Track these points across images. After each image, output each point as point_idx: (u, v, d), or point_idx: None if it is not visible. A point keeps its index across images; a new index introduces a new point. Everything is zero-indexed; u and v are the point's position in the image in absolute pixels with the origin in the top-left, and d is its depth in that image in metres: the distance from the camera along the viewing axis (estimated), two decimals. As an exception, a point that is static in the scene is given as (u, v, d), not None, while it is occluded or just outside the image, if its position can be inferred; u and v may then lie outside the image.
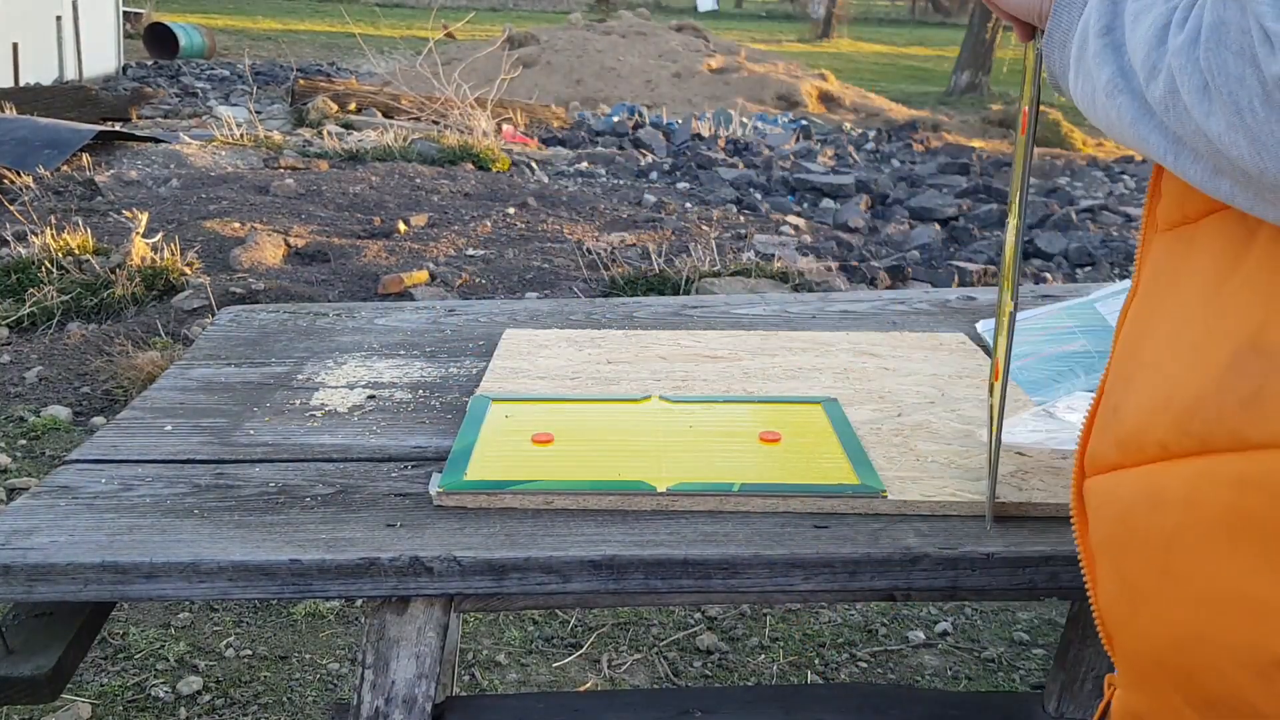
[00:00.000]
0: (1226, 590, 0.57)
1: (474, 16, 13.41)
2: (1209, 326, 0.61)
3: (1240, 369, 0.58)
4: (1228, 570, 0.57)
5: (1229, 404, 0.58)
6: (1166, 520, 0.60)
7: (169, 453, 1.12)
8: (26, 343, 3.66)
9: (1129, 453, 0.64)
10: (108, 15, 14.84)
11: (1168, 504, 0.61)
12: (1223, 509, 0.57)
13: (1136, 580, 0.63)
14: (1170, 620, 0.61)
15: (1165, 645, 0.61)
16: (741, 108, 11.26)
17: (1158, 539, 0.61)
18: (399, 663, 0.97)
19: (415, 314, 1.62)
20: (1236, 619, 0.57)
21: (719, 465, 1.07)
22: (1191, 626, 0.59)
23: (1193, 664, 0.60)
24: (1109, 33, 0.63)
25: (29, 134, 6.02)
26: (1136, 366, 0.67)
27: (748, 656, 2.14)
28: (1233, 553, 0.57)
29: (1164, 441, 0.61)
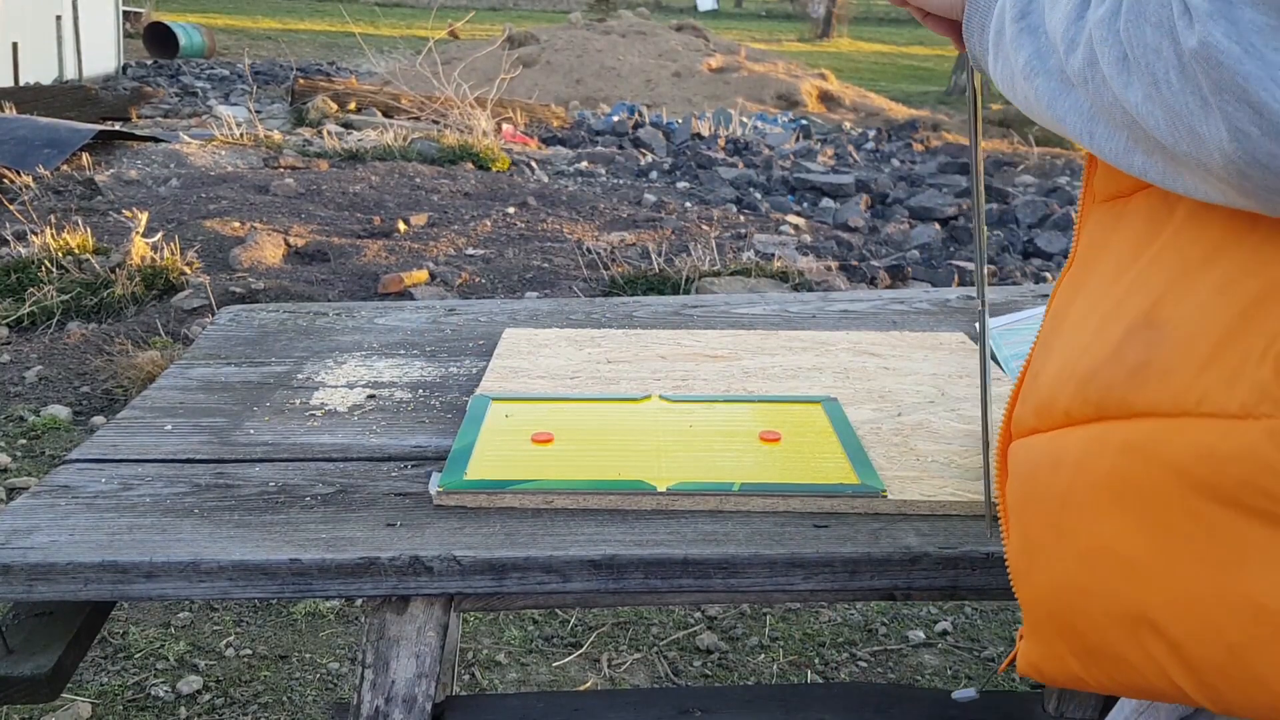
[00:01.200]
0: (1104, 548, 0.61)
1: (474, 16, 13.41)
2: (1117, 300, 0.64)
3: (1133, 340, 0.61)
4: (1107, 529, 0.60)
5: (1119, 373, 0.61)
6: (1061, 480, 0.64)
7: (169, 452, 1.12)
8: (26, 342, 3.66)
9: (1042, 418, 0.67)
10: (108, 15, 14.84)
11: (1064, 465, 0.64)
12: (1107, 472, 0.60)
13: (1034, 536, 0.66)
14: (1057, 574, 0.64)
15: (1052, 597, 0.65)
16: (741, 107, 11.26)
17: (1054, 498, 0.64)
18: (399, 662, 0.97)
19: (415, 314, 1.62)
20: (1110, 575, 0.60)
21: (719, 465, 1.07)
22: (1074, 580, 0.63)
23: (1074, 615, 0.63)
24: (1025, 16, 0.65)
25: (29, 133, 6.02)
26: (1056, 336, 0.69)
27: (748, 656, 2.14)
28: (1112, 513, 0.60)
29: (1068, 408, 0.64)
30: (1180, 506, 0.57)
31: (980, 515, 1.01)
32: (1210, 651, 0.57)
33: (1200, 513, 0.56)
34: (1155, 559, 0.58)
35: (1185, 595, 0.57)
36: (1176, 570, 0.58)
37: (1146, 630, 0.59)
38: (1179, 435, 0.57)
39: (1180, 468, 0.57)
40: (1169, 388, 0.58)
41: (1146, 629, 0.59)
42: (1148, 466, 0.58)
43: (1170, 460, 0.57)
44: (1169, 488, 0.58)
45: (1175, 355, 0.59)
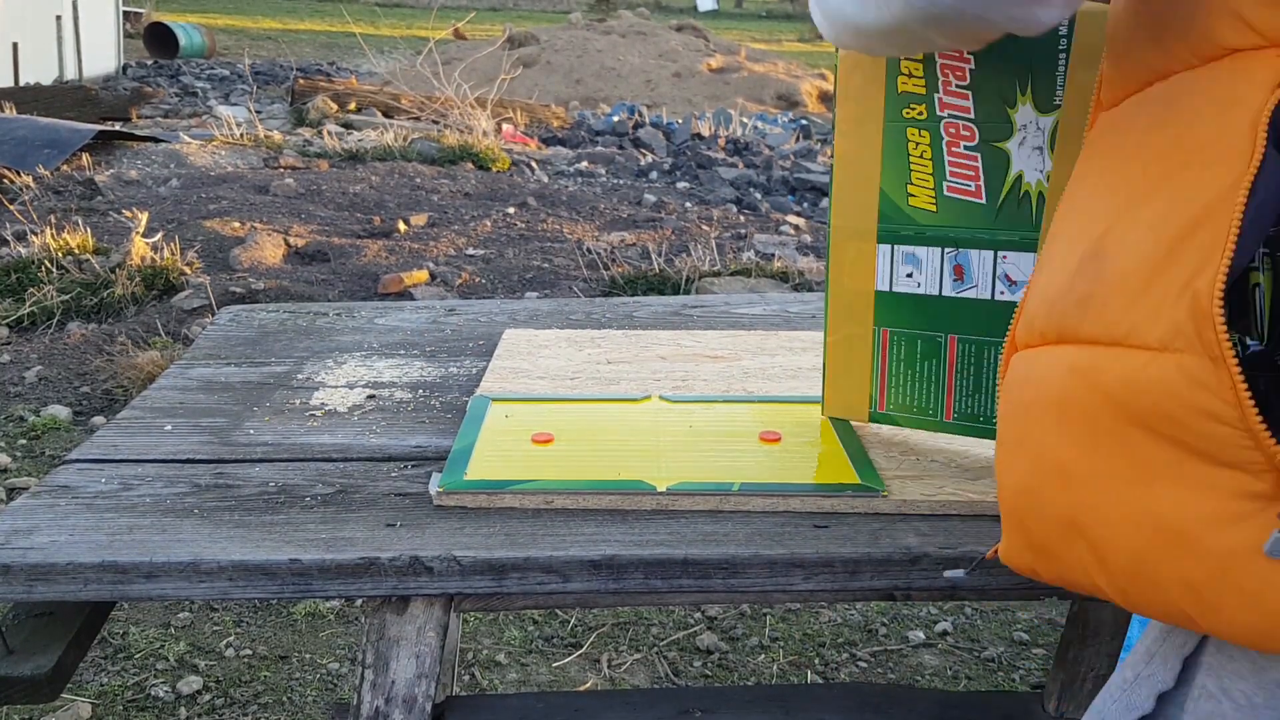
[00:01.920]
0: (1048, 457, 0.67)
1: (474, 16, 13.42)
2: (1081, 224, 0.69)
3: (1083, 269, 0.66)
4: (1053, 442, 0.66)
5: (1072, 301, 0.66)
6: (1027, 394, 0.70)
7: (169, 452, 1.12)
8: (26, 342, 3.66)
9: (1029, 335, 0.72)
10: (108, 15, 14.84)
11: (1030, 382, 0.70)
12: (1057, 390, 0.66)
13: (1007, 441, 0.72)
14: (1018, 476, 0.70)
15: (1014, 496, 0.71)
16: (741, 107, 11.26)
17: (1021, 408, 0.70)
18: (399, 662, 0.97)
19: (415, 314, 1.62)
20: (1051, 482, 0.67)
21: (719, 465, 1.07)
22: (1027, 483, 0.69)
23: (1027, 514, 0.70)
24: None
25: (29, 134, 6.02)
26: (1048, 253, 0.73)
27: (748, 656, 2.14)
28: (1057, 427, 0.66)
29: (1043, 329, 0.69)
30: (1107, 427, 0.63)
31: (981, 515, 1.01)
32: (1120, 556, 0.63)
33: (1122, 434, 0.62)
34: (1085, 471, 0.64)
35: (1105, 505, 0.64)
36: (1100, 483, 0.64)
37: (1075, 533, 0.66)
38: (1112, 363, 0.62)
39: (1109, 392, 0.62)
40: (1105, 319, 0.63)
41: (1075, 532, 0.66)
42: (1086, 389, 0.64)
43: (1103, 385, 0.63)
44: (1100, 409, 0.63)
45: (1112, 288, 0.63)
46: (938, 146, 1.03)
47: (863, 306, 1.11)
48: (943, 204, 1.04)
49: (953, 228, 1.04)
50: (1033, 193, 1.00)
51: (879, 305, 1.10)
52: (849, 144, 1.08)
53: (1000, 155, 1.00)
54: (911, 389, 1.12)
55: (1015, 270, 1.03)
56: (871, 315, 1.11)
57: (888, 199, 1.07)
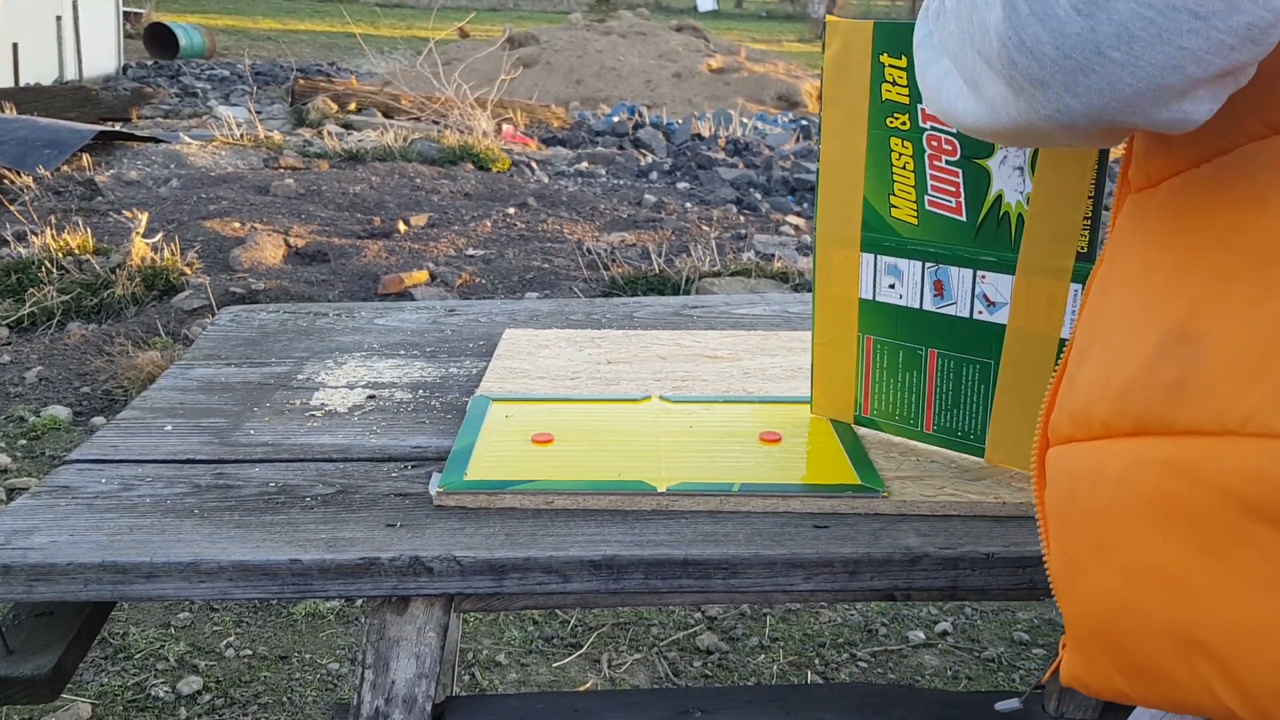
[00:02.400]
0: (1150, 566, 0.59)
1: (474, 16, 13.42)
2: (1146, 305, 0.63)
3: (1168, 354, 0.60)
4: (1152, 548, 0.59)
5: (1156, 389, 0.60)
6: (1103, 495, 0.62)
7: (169, 453, 1.12)
8: (26, 343, 3.66)
9: (1079, 427, 0.66)
10: (108, 15, 14.84)
11: (1105, 481, 0.62)
12: (1150, 490, 0.59)
13: (1076, 550, 0.65)
14: (1101, 590, 0.63)
15: (1097, 613, 0.64)
16: (741, 108, 11.26)
17: (1095, 513, 0.63)
18: (399, 663, 0.97)
19: (415, 314, 1.62)
20: (1158, 595, 0.59)
21: (719, 465, 1.07)
22: (1119, 597, 0.62)
23: (1120, 633, 0.62)
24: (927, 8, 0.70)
25: (29, 134, 6.02)
26: (1090, 339, 0.68)
27: (748, 656, 2.14)
28: (1157, 532, 0.59)
29: (1106, 420, 0.63)
30: (1228, 527, 0.56)
31: (981, 515, 1.01)
32: (1260, 673, 0.56)
33: (1250, 534, 0.55)
34: (1203, 579, 0.57)
35: (1235, 616, 0.56)
36: (1225, 591, 0.57)
37: (1195, 651, 0.58)
38: (1226, 456, 0.56)
39: (1227, 488, 0.56)
40: (1211, 406, 0.57)
41: (1195, 649, 0.58)
42: (1193, 486, 0.57)
43: (1217, 481, 0.56)
44: (1216, 508, 0.56)
45: (1216, 373, 0.57)
46: (920, 159, 1.02)
47: (847, 312, 1.12)
48: (924, 218, 1.04)
49: (933, 243, 1.04)
50: (1012, 214, 0.99)
51: (863, 312, 1.11)
52: (834, 148, 1.08)
53: (981, 172, 0.99)
54: (894, 397, 1.13)
55: (994, 291, 1.02)
56: (856, 321, 1.12)
57: (871, 208, 1.07)
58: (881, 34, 1.02)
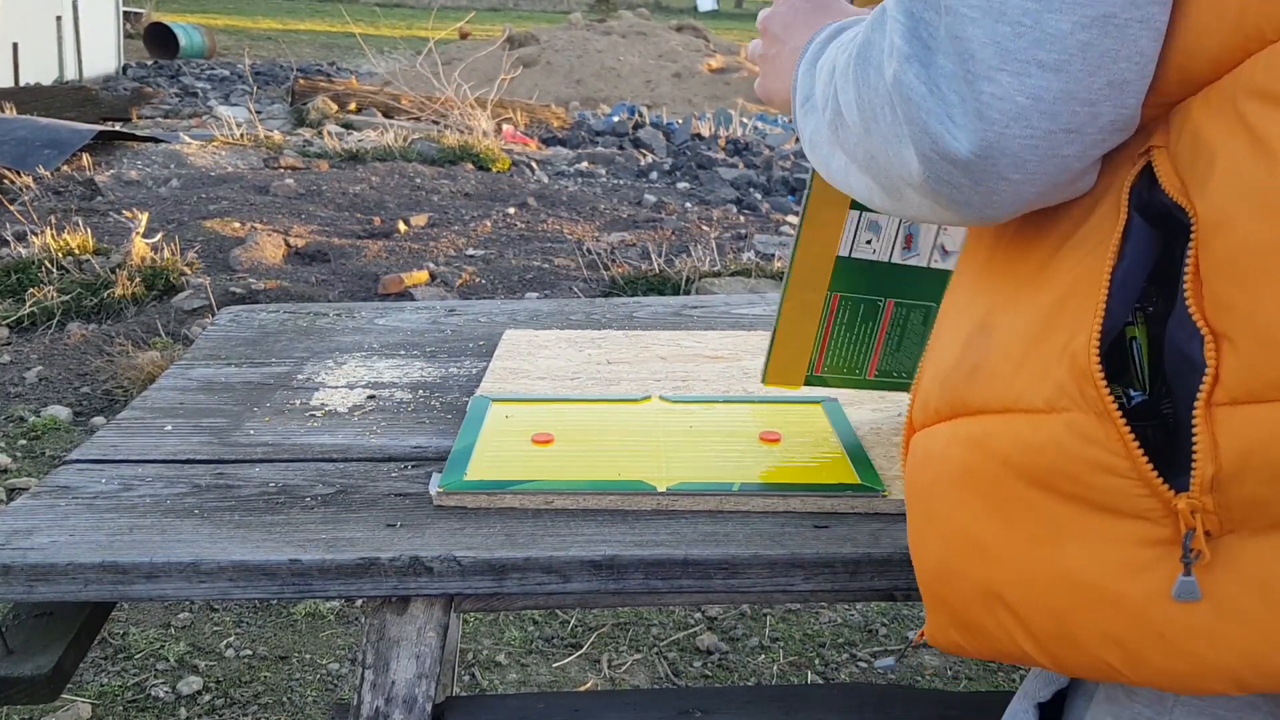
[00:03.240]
0: (961, 532, 0.68)
1: (474, 16, 13.42)
2: (968, 303, 0.72)
3: (970, 344, 0.69)
4: (961, 515, 0.68)
5: (962, 374, 0.69)
6: (929, 472, 0.71)
7: (169, 453, 1.12)
8: (26, 343, 3.66)
9: (924, 414, 0.74)
10: (108, 15, 14.84)
11: (931, 459, 0.71)
12: (958, 464, 0.68)
13: (916, 521, 0.73)
14: (932, 555, 0.71)
15: (931, 576, 0.72)
16: (742, 108, 11.26)
17: (924, 487, 0.72)
18: (399, 663, 0.97)
19: (415, 314, 1.62)
20: (967, 556, 0.68)
21: (719, 465, 1.07)
22: (943, 560, 0.70)
23: (946, 591, 0.70)
24: (807, 100, 0.77)
25: (29, 134, 6.02)
26: (937, 335, 0.76)
27: (748, 656, 2.14)
28: (963, 501, 0.67)
29: (937, 406, 0.71)
30: (1010, 493, 0.64)
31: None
32: (1042, 618, 0.64)
33: (1025, 497, 0.64)
34: (996, 540, 0.66)
35: (1021, 571, 0.65)
36: (1012, 549, 0.65)
37: (997, 603, 0.66)
38: (1005, 429, 0.64)
39: (1006, 458, 0.64)
40: (994, 387, 0.66)
41: (997, 602, 0.66)
42: (984, 458, 0.66)
43: (999, 451, 0.65)
44: (1001, 476, 0.65)
45: (999, 358, 0.66)
46: None
47: (823, 272, 1.15)
48: None
49: None
50: None
51: (837, 271, 1.14)
52: None
53: None
54: (846, 350, 1.17)
55: (950, 242, 1.11)
56: (828, 281, 1.15)
57: None
58: None
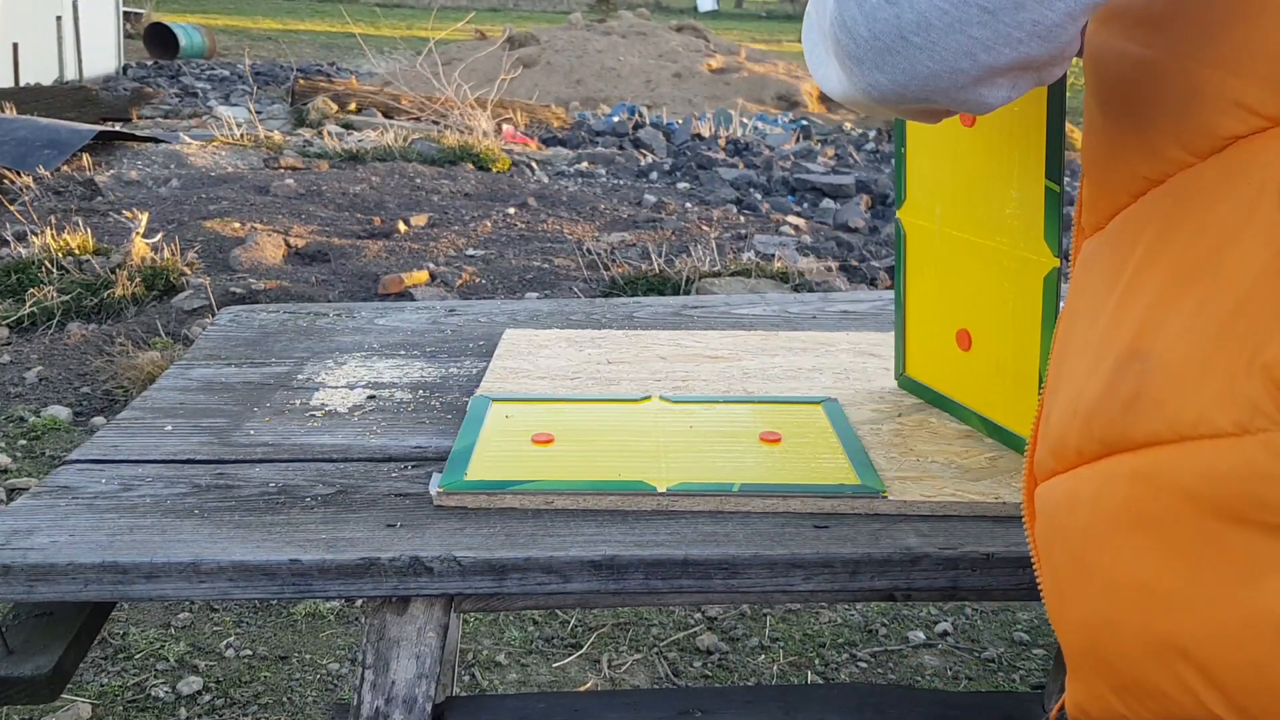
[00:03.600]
0: (1127, 579, 0.61)
1: (474, 16, 13.42)
2: (1103, 332, 0.66)
3: (1122, 372, 0.63)
4: (1127, 560, 0.61)
5: (1116, 407, 0.62)
6: (1080, 518, 0.64)
7: (169, 453, 1.12)
8: (26, 343, 3.66)
9: (1058, 459, 0.68)
10: (108, 15, 14.84)
11: (1081, 504, 0.65)
12: (1121, 504, 0.61)
13: (1061, 575, 0.67)
14: (1086, 610, 0.64)
15: (1084, 634, 0.65)
16: (742, 108, 11.26)
17: (1074, 536, 0.65)
18: (399, 663, 0.97)
19: (415, 314, 1.62)
20: (1136, 606, 0.61)
21: (719, 465, 1.07)
22: (1102, 614, 0.63)
23: (1107, 650, 0.63)
24: None
25: (29, 134, 6.02)
26: (1059, 376, 0.71)
27: (748, 656, 2.14)
28: (1130, 544, 0.61)
29: (1079, 446, 0.65)
30: (1192, 529, 0.57)
31: (981, 516, 1.01)
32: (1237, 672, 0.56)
33: (1212, 533, 0.57)
34: (1175, 584, 0.58)
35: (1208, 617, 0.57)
36: (1197, 593, 0.58)
37: (1176, 657, 0.59)
38: (1183, 460, 0.58)
39: (1187, 491, 0.58)
40: (1164, 415, 0.59)
41: (1176, 656, 0.59)
42: (1157, 494, 0.59)
43: (1177, 485, 0.58)
44: (1179, 512, 0.58)
45: (1165, 383, 0.60)
46: None
47: None
48: None
49: None
50: None
51: None
52: None
53: None
54: None
55: None
56: None
57: None
58: None
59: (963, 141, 1.09)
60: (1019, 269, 1.06)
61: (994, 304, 1.11)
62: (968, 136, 1.08)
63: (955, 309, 1.17)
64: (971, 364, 1.16)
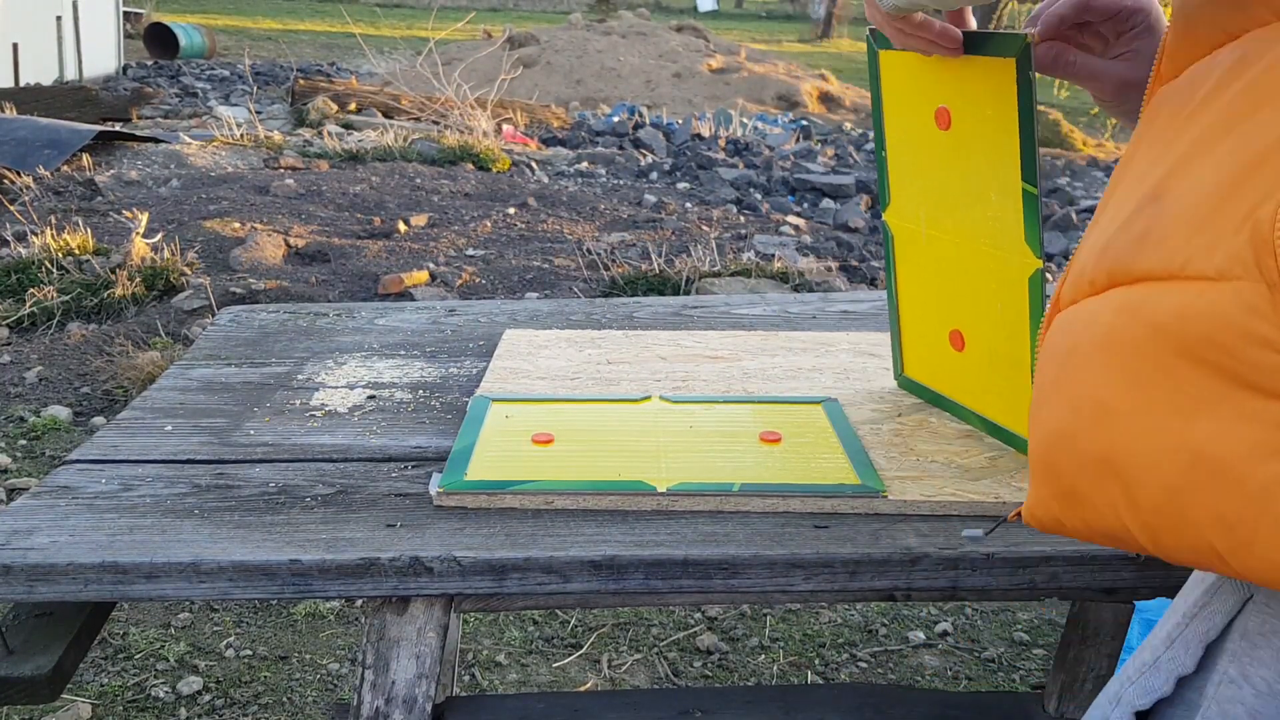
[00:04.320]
0: (1088, 397, 0.66)
1: (474, 17, 13.42)
2: (1139, 175, 0.69)
3: (1141, 212, 0.66)
4: (1093, 380, 0.65)
5: (1127, 242, 0.66)
6: (1069, 340, 0.69)
7: (169, 453, 1.12)
8: (26, 343, 3.66)
9: (1075, 291, 0.71)
10: (108, 15, 14.84)
11: (1076, 328, 0.69)
12: (1104, 330, 0.65)
13: (1043, 390, 0.71)
14: (1050, 422, 0.69)
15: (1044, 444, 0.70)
16: (741, 108, 11.26)
17: (1061, 354, 0.69)
18: (399, 663, 0.97)
19: (415, 314, 1.62)
20: (1089, 421, 0.65)
21: (719, 465, 1.07)
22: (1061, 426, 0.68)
23: (1058, 459, 0.68)
24: None
25: (29, 134, 6.02)
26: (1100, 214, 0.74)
27: (748, 656, 2.14)
28: (1100, 365, 0.65)
29: (1092, 278, 0.69)
30: (1153, 360, 0.62)
31: (981, 516, 1.01)
32: (1153, 492, 0.62)
33: (1169, 366, 0.61)
34: (1125, 405, 0.63)
35: (1142, 439, 0.62)
36: (1140, 416, 0.63)
37: (1109, 472, 0.64)
38: (1165, 296, 0.62)
39: (1159, 324, 0.62)
40: (1162, 254, 0.63)
41: (1109, 471, 0.64)
42: (1134, 323, 0.63)
43: (1152, 318, 0.62)
44: (1148, 343, 0.62)
45: (1172, 223, 0.63)
46: None
47: None
48: None
49: None
50: None
51: None
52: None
53: None
54: None
55: None
56: None
57: None
58: None
59: (939, 145, 1.09)
60: (1003, 271, 1.06)
61: (982, 305, 1.11)
62: (944, 140, 1.08)
63: (946, 310, 1.17)
64: (966, 364, 1.17)
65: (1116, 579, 0.96)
